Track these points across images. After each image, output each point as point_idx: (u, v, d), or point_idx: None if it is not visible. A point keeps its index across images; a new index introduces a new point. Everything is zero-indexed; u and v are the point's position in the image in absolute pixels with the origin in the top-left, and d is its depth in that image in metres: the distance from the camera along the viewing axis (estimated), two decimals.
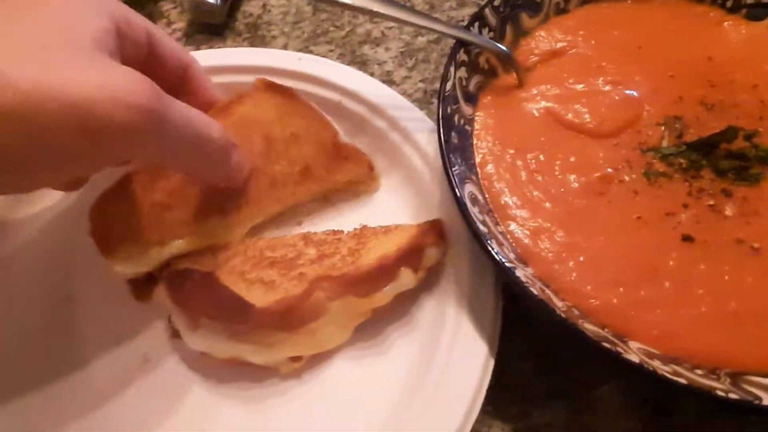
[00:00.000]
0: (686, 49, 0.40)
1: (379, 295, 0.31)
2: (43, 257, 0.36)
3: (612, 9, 0.42)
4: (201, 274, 0.31)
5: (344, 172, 0.37)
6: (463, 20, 0.49)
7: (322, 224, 0.37)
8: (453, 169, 0.31)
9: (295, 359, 0.31)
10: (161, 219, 0.33)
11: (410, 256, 0.32)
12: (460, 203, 0.29)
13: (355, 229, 0.35)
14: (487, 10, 0.38)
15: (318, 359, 0.32)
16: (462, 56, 0.36)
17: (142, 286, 0.33)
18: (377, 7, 0.34)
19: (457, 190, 0.30)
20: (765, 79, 0.38)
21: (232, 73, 0.41)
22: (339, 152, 0.37)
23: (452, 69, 0.35)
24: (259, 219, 0.35)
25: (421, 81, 0.45)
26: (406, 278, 0.31)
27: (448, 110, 0.33)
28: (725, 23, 0.41)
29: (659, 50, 0.39)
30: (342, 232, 0.35)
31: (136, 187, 0.34)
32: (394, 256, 0.31)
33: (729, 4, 0.41)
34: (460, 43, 0.36)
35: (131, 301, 0.34)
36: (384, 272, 0.31)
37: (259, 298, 0.30)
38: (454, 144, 0.32)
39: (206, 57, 0.42)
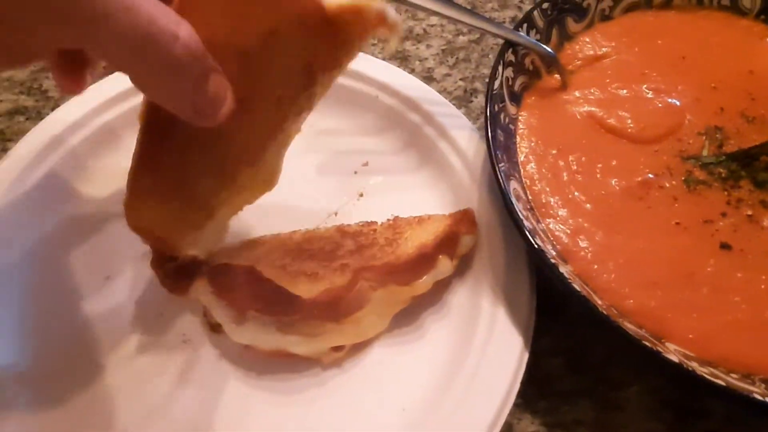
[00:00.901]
0: (729, 61, 0.40)
1: (420, 283, 0.32)
2: (85, 240, 0.37)
3: (656, 18, 0.42)
4: (243, 269, 0.32)
5: (349, 44, 0.28)
6: (504, 21, 0.50)
7: (354, 217, 0.38)
8: (499, 165, 0.31)
9: (337, 349, 0.32)
10: (195, 196, 0.30)
11: (447, 243, 0.33)
12: (506, 199, 0.30)
13: (388, 220, 0.35)
14: (535, 13, 0.38)
15: (358, 348, 0.33)
16: (509, 56, 0.36)
17: (175, 279, 0.32)
18: (431, 5, 0.35)
19: (503, 185, 0.30)
20: None
21: None
22: (333, 24, 0.27)
23: (500, 68, 0.35)
24: (289, 142, 0.31)
25: (461, 79, 0.46)
26: (445, 266, 0.32)
27: (495, 108, 0.34)
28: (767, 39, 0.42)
29: (702, 61, 0.40)
30: (375, 223, 0.36)
31: (154, 176, 0.29)
32: (432, 244, 0.32)
33: None
34: (509, 44, 0.36)
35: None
36: (424, 260, 0.32)
37: (304, 290, 0.31)
38: (500, 141, 0.33)
39: None
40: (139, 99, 0.38)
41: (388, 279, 0.32)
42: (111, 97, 0.40)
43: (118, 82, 0.40)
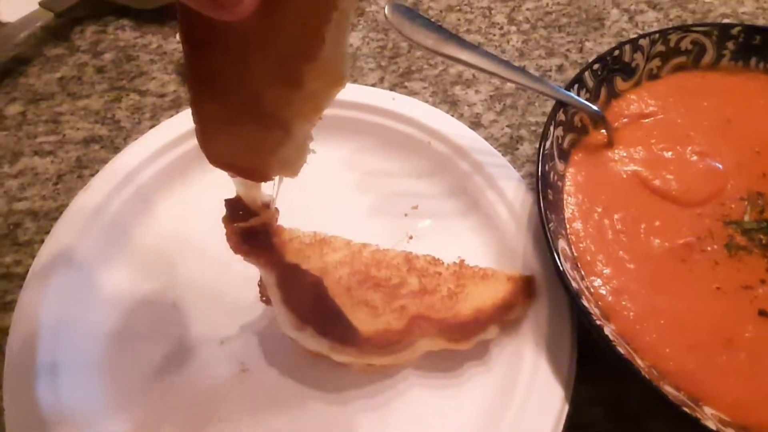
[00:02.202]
0: None
1: (465, 343, 0.34)
2: (152, 267, 0.40)
3: (702, 78, 0.44)
4: (311, 281, 0.34)
5: None
6: (551, 69, 0.52)
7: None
8: (549, 225, 0.33)
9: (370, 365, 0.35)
10: (266, 113, 0.27)
11: (503, 312, 0.35)
12: (555, 262, 0.32)
13: (453, 263, 0.37)
14: (586, 74, 0.40)
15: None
16: (560, 116, 0.38)
17: (240, 240, 0.32)
18: (486, 65, 0.37)
19: (553, 248, 0.32)
20: None
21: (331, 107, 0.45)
22: None
23: (552, 128, 0.37)
24: (348, 26, 0.27)
25: (507, 126, 0.48)
26: (493, 332, 0.35)
27: (546, 167, 0.36)
28: None
29: (747, 125, 0.41)
30: (442, 264, 0.37)
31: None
32: (489, 311, 0.34)
33: None
34: (560, 104, 0.38)
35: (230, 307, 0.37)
36: (477, 325, 0.34)
37: (362, 321, 0.33)
38: (549, 200, 0.35)
39: None
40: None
41: (440, 333, 0.34)
42: (181, 134, 0.43)
43: (185, 121, 0.43)
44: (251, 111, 0.27)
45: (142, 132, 0.46)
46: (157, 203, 0.42)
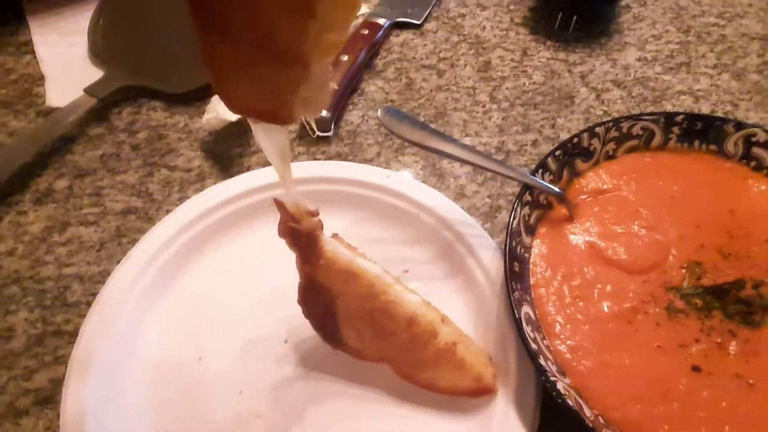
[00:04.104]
0: (713, 201, 0.48)
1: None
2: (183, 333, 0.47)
3: (652, 158, 0.51)
4: (327, 298, 0.40)
5: None
6: (526, 144, 0.59)
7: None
8: (514, 294, 0.40)
9: None
10: (282, 48, 0.26)
11: (472, 395, 0.41)
12: (518, 326, 0.39)
13: (445, 343, 0.40)
14: (549, 159, 0.47)
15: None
16: (527, 197, 0.45)
17: (293, 242, 0.37)
18: (464, 155, 0.44)
19: (516, 315, 0.39)
20: None
21: (331, 183, 0.52)
22: None
23: (519, 208, 0.44)
24: None
25: (488, 196, 0.55)
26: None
27: (513, 243, 0.43)
28: (749, 180, 0.49)
29: (689, 201, 0.48)
30: (436, 337, 0.41)
31: None
32: (461, 391, 0.41)
33: (753, 164, 0.50)
34: (527, 187, 0.45)
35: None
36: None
37: (348, 337, 0.41)
38: (515, 272, 0.42)
39: (311, 168, 0.53)
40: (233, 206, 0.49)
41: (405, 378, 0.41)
42: (204, 210, 0.50)
43: (217, 193, 0.51)
44: (266, 48, 0.26)
45: (172, 203, 0.54)
46: (187, 271, 0.49)
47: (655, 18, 0.71)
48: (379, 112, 0.44)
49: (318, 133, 0.58)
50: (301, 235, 0.37)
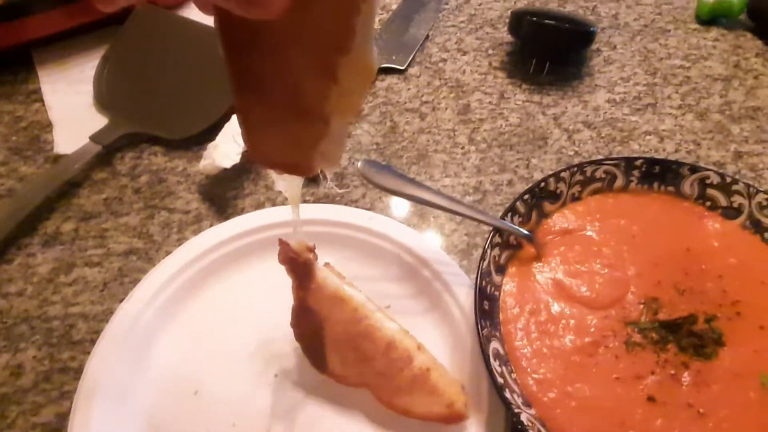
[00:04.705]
0: (670, 239, 0.52)
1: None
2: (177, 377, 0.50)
3: (615, 199, 0.55)
4: (315, 321, 0.44)
5: None
6: (502, 184, 0.63)
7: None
8: (482, 331, 0.44)
9: None
10: (308, 108, 0.29)
11: (444, 421, 0.44)
12: (485, 360, 0.42)
13: (419, 368, 0.44)
14: (518, 203, 0.51)
15: None
16: (496, 239, 0.49)
17: (294, 267, 0.43)
18: (438, 201, 0.48)
19: (484, 351, 0.43)
20: (729, 271, 0.50)
21: (319, 225, 0.56)
22: None
23: (489, 250, 0.48)
24: (374, 16, 0.30)
25: (465, 234, 0.59)
26: None
27: (483, 283, 0.47)
28: (704, 219, 0.53)
29: (649, 239, 0.52)
30: (411, 362, 0.44)
31: None
32: (432, 417, 0.44)
33: (708, 203, 0.54)
34: (497, 229, 0.49)
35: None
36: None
37: (332, 362, 0.45)
38: (485, 309, 0.46)
39: (301, 211, 0.57)
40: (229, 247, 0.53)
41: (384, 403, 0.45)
42: (201, 252, 0.54)
43: (212, 235, 0.55)
44: (293, 107, 0.29)
45: (171, 244, 0.58)
46: (184, 309, 0.52)
47: (624, 61, 0.76)
48: (359, 164, 0.48)
49: (329, 181, 0.62)
50: (298, 263, 0.43)
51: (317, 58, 0.28)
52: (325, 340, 0.45)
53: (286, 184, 0.37)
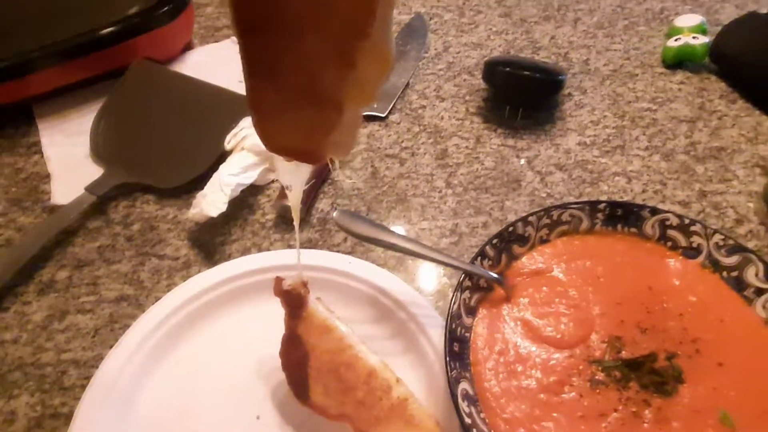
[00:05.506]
0: (633, 279, 0.54)
1: None
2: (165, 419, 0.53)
3: (581, 241, 0.58)
4: (302, 350, 0.47)
5: None
6: (477, 226, 0.66)
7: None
8: (452, 373, 0.46)
9: None
10: (322, 95, 0.29)
11: None
12: (453, 401, 0.44)
13: (398, 398, 0.46)
14: (487, 247, 0.54)
15: None
16: (467, 283, 0.52)
17: (287, 299, 0.47)
18: (410, 247, 0.51)
19: (452, 391, 0.45)
20: (689, 309, 0.52)
21: (295, 270, 0.59)
22: None
23: (459, 294, 0.51)
24: (393, 4, 0.29)
25: (443, 275, 0.61)
26: None
27: (453, 325, 0.49)
28: (666, 259, 0.56)
29: (613, 279, 0.54)
30: (390, 392, 0.47)
31: None
32: None
33: (669, 244, 0.57)
34: (467, 273, 0.52)
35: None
36: None
37: (315, 392, 0.47)
38: (455, 351, 0.48)
39: (284, 256, 0.60)
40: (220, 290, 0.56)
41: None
42: (188, 297, 0.57)
43: (199, 281, 0.58)
44: (308, 94, 0.28)
45: (161, 290, 0.61)
46: (171, 354, 0.55)
47: (594, 104, 0.80)
48: (335, 214, 0.51)
49: (337, 171, 0.66)
50: (291, 295, 0.47)
51: (336, 42, 0.27)
52: (311, 370, 0.48)
53: (291, 176, 0.36)
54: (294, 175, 0.36)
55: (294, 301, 0.47)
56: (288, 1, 0.24)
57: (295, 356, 0.48)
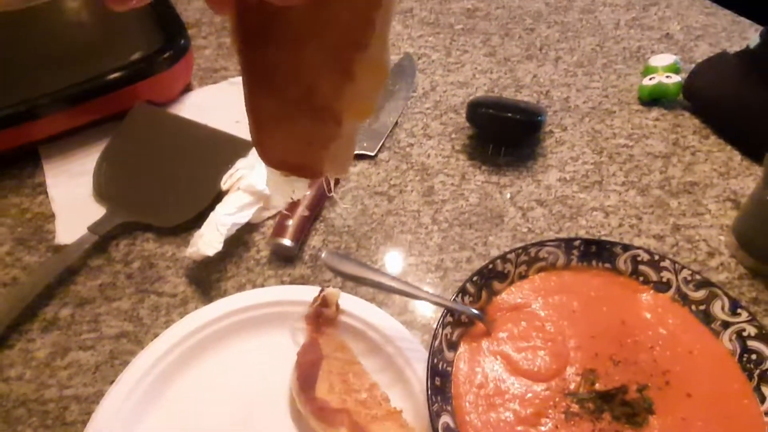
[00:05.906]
0: (607, 313, 0.58)
1: None
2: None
3: (558, 277, 0.61)
4: (317, 354, 0.54)
5: None
6: (461, 261, 0.69)
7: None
8: (433, 407, 0.49)
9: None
10: (320, 106, 0.28)
11: None
12: None
13: (391, 408, 0.53)
14: (468, 284, 0.57)
15: None
16: (448, 319, 0.55)
17: (317, 318, 0.57)
18: (396, 285, 0.54)
19: (432, 424, 0.47)
20: (660, 342, 0.55)
21: (293, 306, 0.62)
22: None
23: (440, 330, 0.54)
24: (392, 13, 0.28)
25: (430, 310, 0.64)
26: None
27: (435, 360, 0.52)
28: (638, 293, 0.59)
29: (587, 314, 0.57)
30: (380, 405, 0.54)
31: None
32: None
33: (641, 278, 0.60)
34: (448, 310, 0.55)
35: None
36: None
37: (320, 389, 0.53)
38: (436, 386, 0.51)
39: (274, 293, 0.63)
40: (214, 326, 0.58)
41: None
42: (186, 334, 0.60)
43: (196, 318, 0.61)
44: (306, 105, 0.28)
45: (159, 326, 0.64)
46: (170, 390, 0.57)
47: (574, 141, 0.84)
48: (323, 255, 0.55)
49: (333, 193, 0.72)
50: (323, 316, 0.58)
51: (335, 53, 0.27)
52: (321, 371, 0.54)
53: (279, 196, 0.35)
54: (282, 195, 0.35)
55: (324, 321, 0.57)
56: (288, 12, 0.24)
57: (311, 358, 0.55)
